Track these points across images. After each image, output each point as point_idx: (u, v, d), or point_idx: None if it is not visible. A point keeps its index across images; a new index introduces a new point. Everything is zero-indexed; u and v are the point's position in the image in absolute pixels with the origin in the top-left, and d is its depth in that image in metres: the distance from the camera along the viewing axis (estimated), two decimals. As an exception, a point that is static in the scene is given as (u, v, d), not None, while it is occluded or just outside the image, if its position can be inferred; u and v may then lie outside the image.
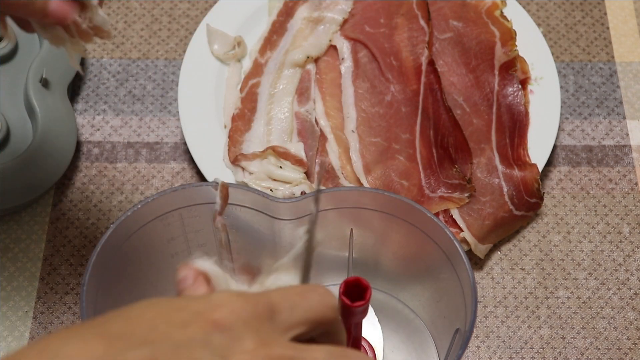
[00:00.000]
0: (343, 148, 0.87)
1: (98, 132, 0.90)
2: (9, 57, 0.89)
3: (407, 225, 0.70)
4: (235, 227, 0.72)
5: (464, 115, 0.87)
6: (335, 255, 0.76)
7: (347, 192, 0.70)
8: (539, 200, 0.84)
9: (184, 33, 0.96)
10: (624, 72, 0.94)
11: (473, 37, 0.90)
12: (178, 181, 0.88)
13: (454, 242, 0.67)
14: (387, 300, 0.79)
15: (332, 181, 0.85)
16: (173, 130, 0.90)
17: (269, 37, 0.93)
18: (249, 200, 0.70)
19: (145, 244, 0.71)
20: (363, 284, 0.63)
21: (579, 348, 0.79)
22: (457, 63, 0.90)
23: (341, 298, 0.63)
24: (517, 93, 0.88)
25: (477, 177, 0.84)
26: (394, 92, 0.89)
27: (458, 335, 0.67)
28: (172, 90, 0.93)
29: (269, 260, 0.76)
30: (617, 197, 0.87)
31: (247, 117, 0.88)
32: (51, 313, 0.80)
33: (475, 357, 0.79)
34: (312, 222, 0.57)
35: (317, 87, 0.90)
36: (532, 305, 0.81)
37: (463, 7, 0.92)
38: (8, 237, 0.84)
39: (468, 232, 0.81)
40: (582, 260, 0.83)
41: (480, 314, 0.81)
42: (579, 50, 0.96)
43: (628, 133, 0.90)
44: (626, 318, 0.81)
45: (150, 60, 0.95)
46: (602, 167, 0.88)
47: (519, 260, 0.83)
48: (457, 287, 0.68)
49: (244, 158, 0.84)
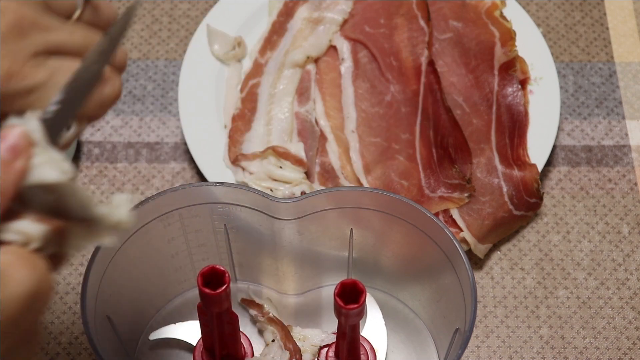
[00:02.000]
0: (343, 148, 0.87)
1: (98, 132, 0.90)
2: None
3: (407, 225, 0.70)
4: (235, 227, 0.73)
5: (463, 115, 0.87)
6: (335, 255, 0.76)
7: (347, 192, 0.70)
8: (539, 200, 0.84)
9: (184, 33, 0.97)
10: (623, 73, 0.94)
11: (473, 37, 0.91)
12: (178, 181, 0.88)
13: (453, 242, 0.67)
14: (387, 300, 0.79)
15: (332, 181, 0.85)
16: (173, 130, 0.91)
17: (269, 38, 0.93)
18: (249, 200, 0.70)
19: (145, 244, 0.71)
20: (359, 288, 0.63)
21: (578, 348, 0.79)
22: (456, 63, 0.90)
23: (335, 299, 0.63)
24: (517, 93, 0.88)
25: (477, 177, 0.84)
26: (394, 92, 0.89)
27: (458, 335, 0.68)
28: (173, 91, 0.93)
29: (269, 260, 0.76)
30: (616, 197, 0.87)
31: (247, 117, 0.88)
32: (51, 313, 0.80)
33: (475, 356, 0.79)
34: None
35: (317, 87, 0.90)
36: (532, 305, 0.81)
37: (463, 7, 0.92)
38: (8, 237, 0.84)
39: (468, 232, 0.81)
40: (581, 260, 0.84)
41: (479, 313, 0.81)
42: (578, 50, 0.96)
43: (627, 133, 0.90)
44: (625, 318, 0.81)
45: (150, 61, 0.95)
46: (602, 167, 0.88)
47: (518, 260, 0.84)
48: (456, 287, 0.68)
49: (244, 158, 0.85)
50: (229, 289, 0.63)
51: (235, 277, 0.79)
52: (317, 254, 0.76)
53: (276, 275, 0.77)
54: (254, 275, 0.79)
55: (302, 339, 0.75)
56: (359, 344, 0.71)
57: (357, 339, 0.70)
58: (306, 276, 0.77)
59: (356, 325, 0.68)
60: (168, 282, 0.77)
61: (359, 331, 0.69)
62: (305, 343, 0.75)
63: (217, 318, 0.67)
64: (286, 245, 0.74)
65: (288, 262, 0.76)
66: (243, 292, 0.79)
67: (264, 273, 0.78)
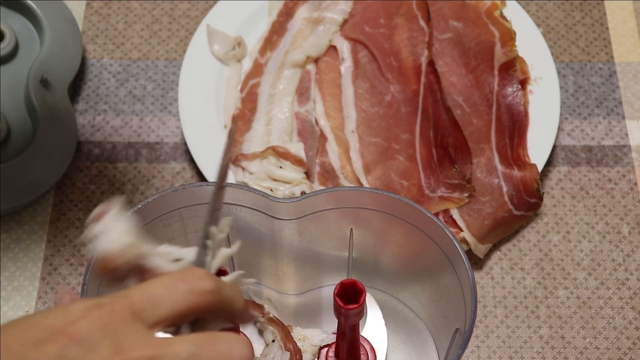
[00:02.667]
0: (343, 148, 0.87)
1: (98, 132, 0.90)
2: (10, 57, 0.89)
3: (407, 225, 0.70)
4: (235, 227, 0.73)
5: (463, 115, 0.88)
6: (335, 255, 0.76)
7: (347, 192, 0.70)
8: (539, 200, 0.84)
9: (184, 33, 0.97)
10: (623, 73, 0.94)
11: (473, 37, 0.91)
12: (178, 181, 0.88)
13: (453, 242, 0.67)
14: (387, 300, 0.79)
15: (332, 181, 0.85)
16: (173, 130, 0.91)
17: (269, 38, 0.93)
18: (249, 200, 0.70)
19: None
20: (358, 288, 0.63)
21: (578, 348, 0.79)
22: (456, 63, 0.90)
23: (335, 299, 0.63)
24: (517, 93, 0.88)
25: (477, 177, 0.84)
26: (394, 92, 0.89)
27: (458, 335, 0.67)
28: (173, 91, 0.93)
29: (269, 260, 0.76)
30: (616, 197, 0.87)
31: (247, 117, 0.88)
32: (51, 313, 0.80)
33: (475, 356, 0.79)
34: (210, 211, 0.56)
35: (317, 87, 0.90)
36: (532, 305, 0.81)
37: (463, 7, 0.92)
38: (9, 237, 0.84)
39: (468, 232, 0.81)
40: (581, 260, 0.84)
41: (479, 313, 0.81)
42: (578, 50, 0.96)
43: (627, 133, 0.90)
44: (625, 318, 0.81)
45: (150, 61, 0.95)
46: (602, 167, 0.88)
47: (518, 260, 0.84)
48: (456, 287, 0.68)
49: (244, 158, 0.85)
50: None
51: (235, 277, 0.79)
52: (317, 254, 0.75)
53: (276, 275, 0.77)
54: (254, 275, 0.79)
55: (302, 339, 0.75)
56: (359, 344, 0.71)
57: (357, 339, 0.70)
58: (306, 276, 0.77)
59: (356, 325, 0.68)
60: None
61: (359, 331, 0.69)
62: (305, 343, 0.75)
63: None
64: (286, 245, 0.74)
65: (288, 262, 0.76)
66: (243, 292, 0.79)
67: (264, 273, 0.78)
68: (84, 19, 0.97)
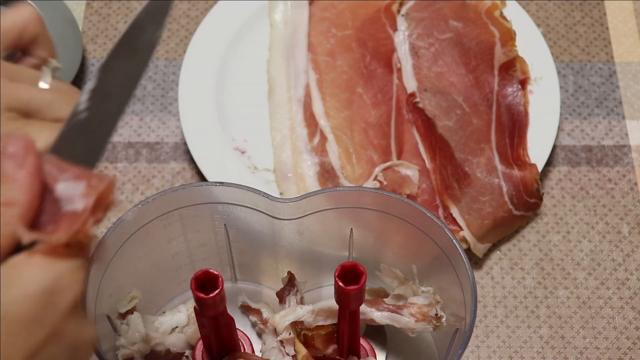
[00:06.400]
0: (343, 148, 0.87)
1: (98, 132, 0.90)
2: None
3: (407, 225, 0.70)
4: (235, 227, 0.73)
5: (463, 115, 0.88)
6: (335, 255, 0.76)
7: (347, 192, 0.70)
8: (539, 200, 0.84)
9: (184, 33, 0.97)
10: (623, 72, 0.94)
11: (473, 37, 0.91)
12: (178, 181, 0.88)
13: (453, 242, 0.67)
14: (387, 300, 0.79)
15: (332, 181, 0.85)
16: (173, 130, 0.91)
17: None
18: (249, 200, 0.70)
19: (146, 244, 0.71)
20: (359, 270, 0.63)
21: (578, 347, 0.79)
22: (456, 63, 0.90)
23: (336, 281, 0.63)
24: (517, 93, 0.88)
25: (477, 176, 0.84)
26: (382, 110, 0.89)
27: (458, 335, 0.67)
28: (173, 91, 0.93)
29: (269, 260, 0.76)
30: (616, 197, 0.87)
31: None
32: (52, 313, 0.80)
33: (475, 356, 0.79)
34: None
35: (317, 87, 0.90)
36: (532, 304, 0.81)
37: (463, 7, 0.92)
38: (8, 237, 0.84)
39: (467, 231, 0.81)
40: (581, 260, 0.84)
41: (479, 313, 0.81)
42: (578, 50, 0.96)
43: (627, 133, 0.90)
44: (625, 318, 0.81)
45: (150, 61, 0.95)
46: (602, 167, 0.88)
47: (518, 260, 0.84)
48: (456, 287, 0.68)
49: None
50: (222, 292, 0.63)
51: (235, 277, 0.79)
52: (317, 254, 0.75)
53: (276, 275, 0.77)
54: (254, 275, 0.79)
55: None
56: (359, 337, 0.71)
57: (357, 333, 0.70)
58: (306, 276, 0.77)
59: (357, 315, 0.67)
60: (168, 282, 0.77)
61: (359, 324, 0.69)
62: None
63: (212, 321, 0.66)
64: (286, 245, 0.74)
65: (288, 262, 0.76)
66: (243, 292, 0.79)
67: (264, 273, 0.78)
68: (84, 19, 0.97)
